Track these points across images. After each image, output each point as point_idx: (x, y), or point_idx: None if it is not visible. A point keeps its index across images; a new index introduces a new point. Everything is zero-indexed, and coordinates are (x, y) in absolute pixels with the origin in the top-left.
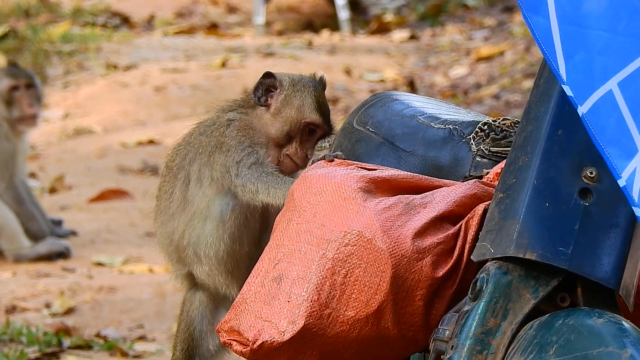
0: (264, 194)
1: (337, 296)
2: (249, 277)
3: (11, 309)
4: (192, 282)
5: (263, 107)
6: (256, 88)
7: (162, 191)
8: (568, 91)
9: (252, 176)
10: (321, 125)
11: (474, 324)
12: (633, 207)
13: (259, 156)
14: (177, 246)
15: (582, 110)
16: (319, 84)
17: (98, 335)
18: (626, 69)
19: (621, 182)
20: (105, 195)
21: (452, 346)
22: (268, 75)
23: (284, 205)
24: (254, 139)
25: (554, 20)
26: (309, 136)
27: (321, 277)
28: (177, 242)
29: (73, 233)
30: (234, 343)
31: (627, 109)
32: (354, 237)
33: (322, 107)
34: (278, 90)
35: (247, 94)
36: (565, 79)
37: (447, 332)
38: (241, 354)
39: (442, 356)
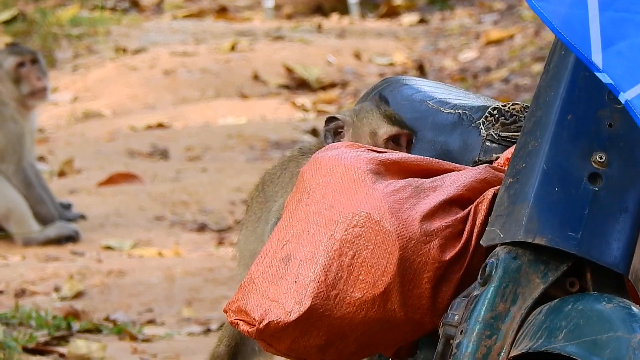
0: None
1: (344, 277)
2: (257, 257)
3: (20, 293)
4: None
5: None
6: (325, 136)
7: (253, 204)
8: (605, 79)
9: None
10: (401, 133)
11: (484, 309)
12: None
13: None
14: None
15: (625, 97)
16: (380, 101)
17: (107, 319)
18: None
19: None
20: (114, 179)
21: (462, 331)
22: (331, 119)
23: None
24: None
25: (594, 8)
26: (397, 147)
27: (329, 258)
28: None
29: (82, 217)
30: (241, 323)
31: None
32: (362, 219)
33: (392, 118)
34: (346, 128)
35: (315, 143)
36: (601, 67)
37: (456, 317)
38: (248, 333)
39: (451, 341)
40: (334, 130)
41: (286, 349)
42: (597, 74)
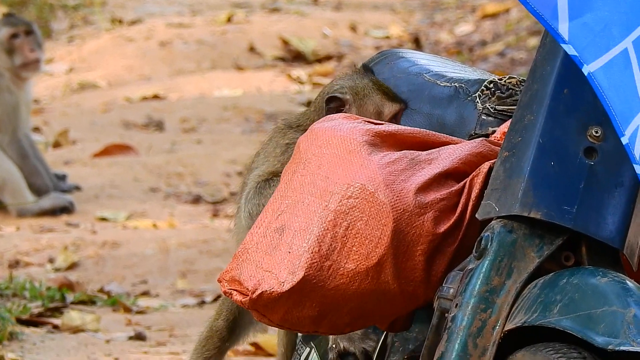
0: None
1: (338, 248)
2: (252, 228)
3: (14, 264)
4: None
5: None
6: (328, 113)
7: (239, 194)
8: (570, 50)
9: (253, 197)
10: (400, 108)
11: (479, 283)
12: (634, 165)
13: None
14: None
15: (588, 69)
16: (366, 73)
17: (101, 290)
18: None
19: (624, 140)
20: (109, 150)
21: (457, 304)
22: (332, 99)
23: None
24: None
25: None
26: (394, 121)
27: (323, 229)
28: None
29: (77, 188)
30: (235, 293)
31: (638, 67)
32: (357, 190)
33: (390, 94)
34: (347, 107)
35: (310, 111)
36: (566, 38)
37: (451, 290)
38: (241, 303)
39: (446, 314)
40: (336, 109)
41: (279, 319)
42: (563, 45)
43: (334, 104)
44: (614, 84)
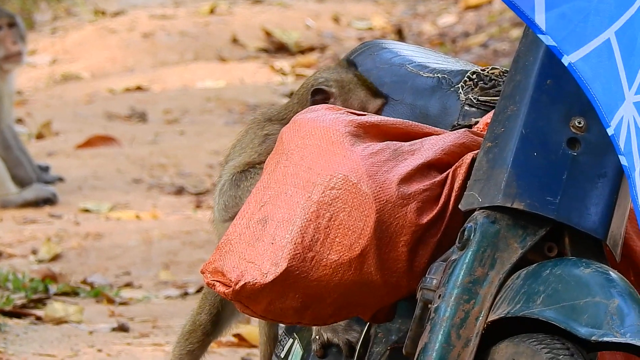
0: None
1: (321, 239)
2: (235, 219)
3: None
4: None
5: None
6: (313, 103)
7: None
8: (548, 40)
9: (228, 189)
10: (382, 104)
11: (462, 273)
12: (619, 156)
13: (255, 174)
14: None
15: (569, 59)
16: (350, 67)
17: (84, 281)
18: (623, 16)
19: (610, 131)
20: (92, 142)
21: (440, 295)
22: (318, 91)
23: None
24: None
25: None
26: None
27: (306, 220)
28: None
29: (60, 179)
30: (218, 284)
31: (621, 58)
32: (340, 181)
33: (373, 90)
34: (332, 100)
35: (292, 103)
36: (544, 29)
37: (434, 281)
38: (224, 295)
39: (429, 305)
40: (321, 102)
41: (262, 310)
42: (540, 35)
43: (319, 96)
44: (597, 75)
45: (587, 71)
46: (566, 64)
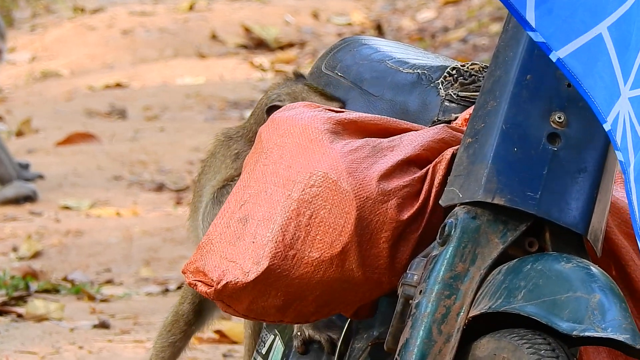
0: None
1: (302, 237)
2: (215, 218)
3: None
4: None
5: None
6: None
7: (192, 210)
8: (537, 37)
9: (211, 209)
10: (340, 107)
11: (443, 269)
12: (616, 151)
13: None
14: None
15: (557, 55)
16: (298, 80)
17: (65, 279)
18: (617, 11)
19: (606, 127)
20: (72, 139)
21: (421, 291)
22: (272, 108)
23: None
24: None
25: None
26: None
27: (286, 218)
28: None
29: (40, 176)
30: (199, 284)
31: (615, 53)
32: (320, 179)
33: (327, 95)
34: None
35: (250, 123)
36: (533, 25)
37: (415, 277)
38: (206, 294)
39: (410, 301)
40: None
41: (244, 309)
42: (530, 33)
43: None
44: (589, 70)
45: (578, 67)
46: (554, 60)
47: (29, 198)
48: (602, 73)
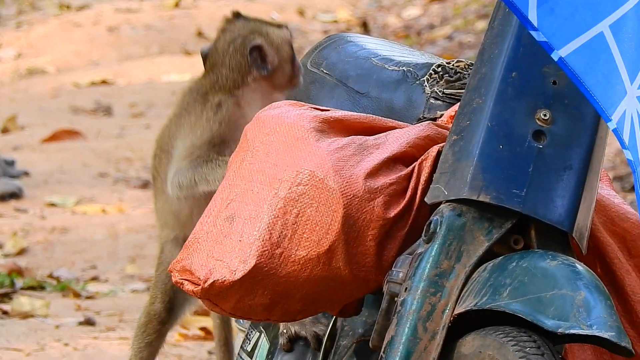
0: (203, 184)
1: (289, 236)
2: (201, 217)
3: None
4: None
5: (261, 76)
6: (255, 62)
7: (158, 171)
8: (540, 37)
9: (188, 170)
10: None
11: (428, 266)
12: (624, 150)
13: (215, 155)
14: (184, 223)
15: (559, 54)
16: (241, 16)
17: (51, 276)
18: (619, 10)
19: (612, 125)
20: (58, 136)
21: (406, 288)
22: (253, 50)
23: None
24: (234, 130)
25: None
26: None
27: (273, 217)
28: (184, 220)
29: (26, 173)
30: (186, 282)
31: (618, 51)
32: (306, 177)
33: (274, 23)
34: (265, 48)
35: (224, 72)
36: (536, 25)
37: (400, 274)
38: (193, 293)
39: (395, 298)
40: (260, 57)
41: (231, 308)
42: (532, 32)
43: (255, 54)
44: (591, 69)
45: (579, 65)
46: (556, 59)
47: (15, 195)
48: (604, 71)
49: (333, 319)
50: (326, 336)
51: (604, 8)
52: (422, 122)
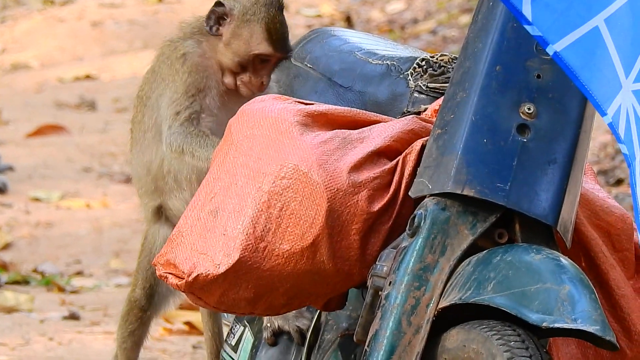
0: (189, 156)
1: (273, 229)
2: (185, 210)
3: None
4: (158, 217)
5: (216, 37)
6: (208, 17)
7: (135, 122)
8: (534, 31)
9: (180, 134)
10: (273, 54)
11: (412, 260)
12: (619, 144)
13: (199, 108)
14: (155, 175)
15: (554, 48)
16: (273, 6)
17: (35, 270)
18: (613, 4)
19: (607, 119)
20: (42, 131)
21: (390, 282)
22: (219, 4)
23: (208, 167)
24: (205, 81)
25: None
26: (262, 64)
27: (257, 210)
28: (155, 171)
29: (10, 168)
30: (170, 276)
31: (614, 45)
32: (290, 171)
33: (273, 35)
34: (228, 20)
35: (196, 24)
36: (530, 19)
37: (385, 268)
38: (177, 287)
39: (380, 292)
40: (219, 15)
41: (215, 301)
42: (527, 26)
43: (220, 9)
44: (586, 63)
45: (575, 59)
46: (551, 54)
47: None
48: (600, 65)
49: (317, 313)
50: (310, 330)
51: (599, 2)
52: (406, 116)
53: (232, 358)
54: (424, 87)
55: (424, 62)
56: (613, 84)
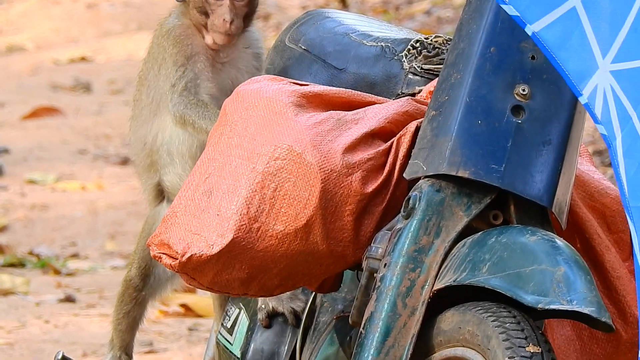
0: (190, 126)
1: (267, 210)
2: (179, 191)
3: None
4: (159, 196)
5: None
6: None
7: (135, 100)
8: (511, 11)
9: (181, 104)
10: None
11: (407, 242)
12: (597, 125)
13: (193, 75)
14: (150, 149)
15: (532, 28)
16: None
17: (31, 253)
18: None
19: (582, 100)
20: (37, 113)
21: (385, 264)
22: None
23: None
24: (191, 47)
25: None
26: (217, 3)
27: (251, 191)
28: (150, 145)
29: (5, 151)
30: (164, 256)
31: (590, 26)
32: (284, 151)
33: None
34: None
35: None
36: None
37: (379, 250)
38: (170, 267)
39: (374, 274)
40: None
41: (209, 282)
42: (503, 5)
43: None
44: (564, 43)
45: (552, 40)
46: (530, 34)
47: None
48: (576, 46)
49: (312, 295)
50: (305, 312)
51: None
52: (400, 97)
53: (227, 341)
54: (418, 69)
55: (418, 44)
56: (589, 64)
